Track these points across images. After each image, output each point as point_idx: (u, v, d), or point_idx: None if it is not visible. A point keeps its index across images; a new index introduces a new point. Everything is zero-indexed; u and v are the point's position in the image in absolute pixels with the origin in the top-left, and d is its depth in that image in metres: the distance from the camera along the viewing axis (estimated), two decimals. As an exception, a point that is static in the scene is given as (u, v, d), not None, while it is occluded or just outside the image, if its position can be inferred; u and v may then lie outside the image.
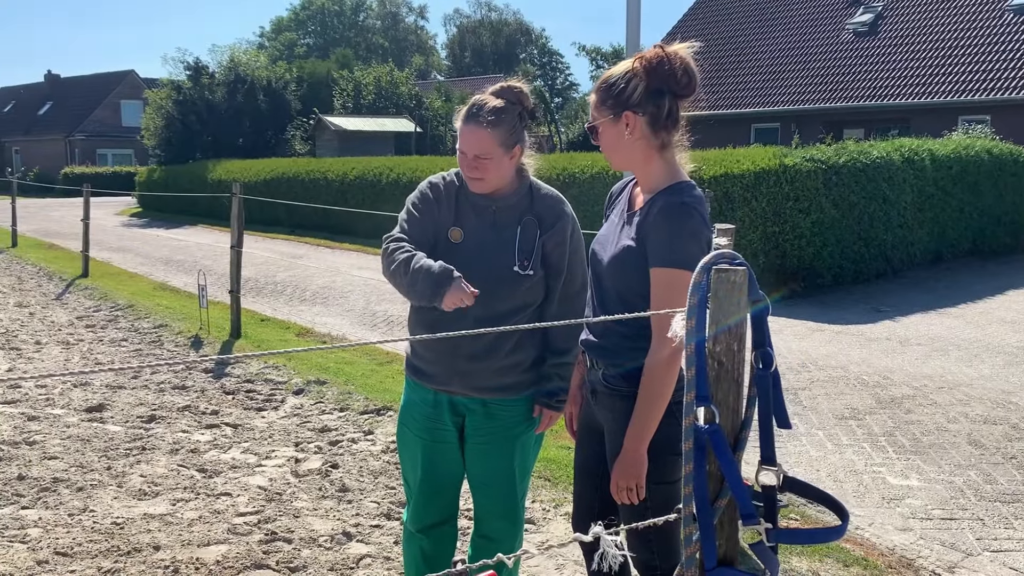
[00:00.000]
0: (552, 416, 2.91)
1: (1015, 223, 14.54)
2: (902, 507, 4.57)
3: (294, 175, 21.27)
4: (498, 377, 2.83)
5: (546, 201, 2.86)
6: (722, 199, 10.94)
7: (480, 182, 2.77)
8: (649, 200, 2.45)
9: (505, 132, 2.73)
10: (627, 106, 2.41)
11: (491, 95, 2.79)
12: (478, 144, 2.72)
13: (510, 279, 2.76)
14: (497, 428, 2.88)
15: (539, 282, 2.83)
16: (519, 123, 2.77)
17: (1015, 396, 6.56)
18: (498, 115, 2.72)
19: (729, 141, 15.82)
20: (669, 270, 2.33)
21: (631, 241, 2.43)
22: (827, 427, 5.87)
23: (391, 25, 78.37)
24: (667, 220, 2.35)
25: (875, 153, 11.92)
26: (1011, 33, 22.21)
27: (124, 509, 4.42)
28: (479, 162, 2.72)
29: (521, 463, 2.96)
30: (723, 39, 28.12)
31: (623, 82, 2.42)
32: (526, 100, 2.80)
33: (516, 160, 2.80)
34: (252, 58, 32.74)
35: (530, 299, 2.84)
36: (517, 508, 2.99)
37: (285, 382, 6.89)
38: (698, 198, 2.40)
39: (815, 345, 8.35)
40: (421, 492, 3.03)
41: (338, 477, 4.87)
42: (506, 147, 2.74)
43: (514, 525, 3.00)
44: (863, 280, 11.64)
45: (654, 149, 2.45)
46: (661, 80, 2.38)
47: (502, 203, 2.82)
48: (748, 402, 1.75)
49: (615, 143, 2.47)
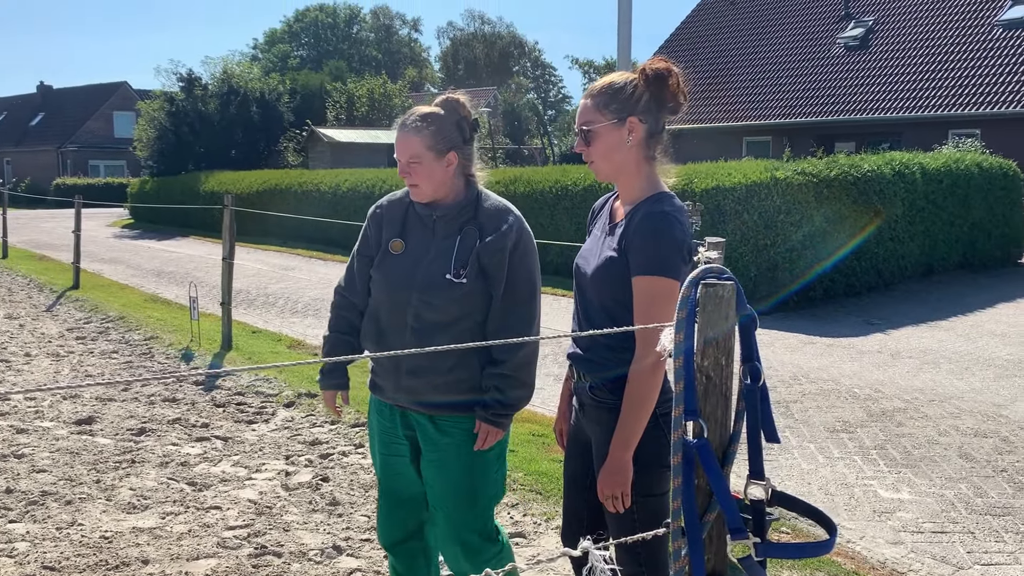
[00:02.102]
0: (490, 431, 2.77)
1: (1005, 236, 14.62)
2: (893, 520, 4.57)
3: (287, 187, 21.27)
4: (441, 394, 2.80)
5: (490, 211, 2.83)
6: (714, 212, 10.97)
7: (416, 189, 2.82)
8: (631, 211, 2.48)
9: (433, 137, 2.77)
10: (633, 112, 2.44)
11: (429, 104, 2.89)
12: (406, 149, 2.79)
13: (443, 287, 2.76)
14: (450, 445, 2.84)
15: (476, 292, 2.77)
16: (454, 131, 2.81)
17: (1006, 409, 6.58)
18: (425, 120, 2.78)
19: (721, 154, 15.89)
20: (650, 278, 2.35)
21: (613, 252, 2.45)
22: (818, 440, 5.87)
23: (384, 37, 78.61)
24: (648, 229, 2.37)
25: (866, 166, 11.98)
26: (1000, 48, 22.39)
27: (113, 523, 4.40)
28: (410, 167, 2.78)
29: (481, 483, 2.86)
30: (715, 53, 28.27)
31: (630, 88, 2.45)
32: (462, 109, 2.85)
33: (452, 167, 2.81)
34: (245, 70, 32.78)
35: (467, 309, 2.77)
36: (472, 532, 2.88)
37: (276, 394, 6.87)
38: (679, 208, 2.43)
39: (807, 358, 8.37)
40: (380, 506, 3.08)
41: (328, 490, 4.85)
42: (436, 152, 2.77)
43: (470, 551, 2.89)
44: (855, 293, 11.68)
45: (645, 159, 2.49)
46: (664, 93, 2.44)
47: (442, 212, 2.84)
48: (736, 416, 1.75)
49: (613, 149, 2.48)
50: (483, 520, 2.90)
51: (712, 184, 11.21)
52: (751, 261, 10.88)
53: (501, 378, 2.75)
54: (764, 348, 8.68)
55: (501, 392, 2.74)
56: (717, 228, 10.71)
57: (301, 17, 76.64)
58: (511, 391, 2.76)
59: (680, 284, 2.23)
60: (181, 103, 29.10)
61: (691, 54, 28.33)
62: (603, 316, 2.47)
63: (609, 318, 2.45)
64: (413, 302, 2.78)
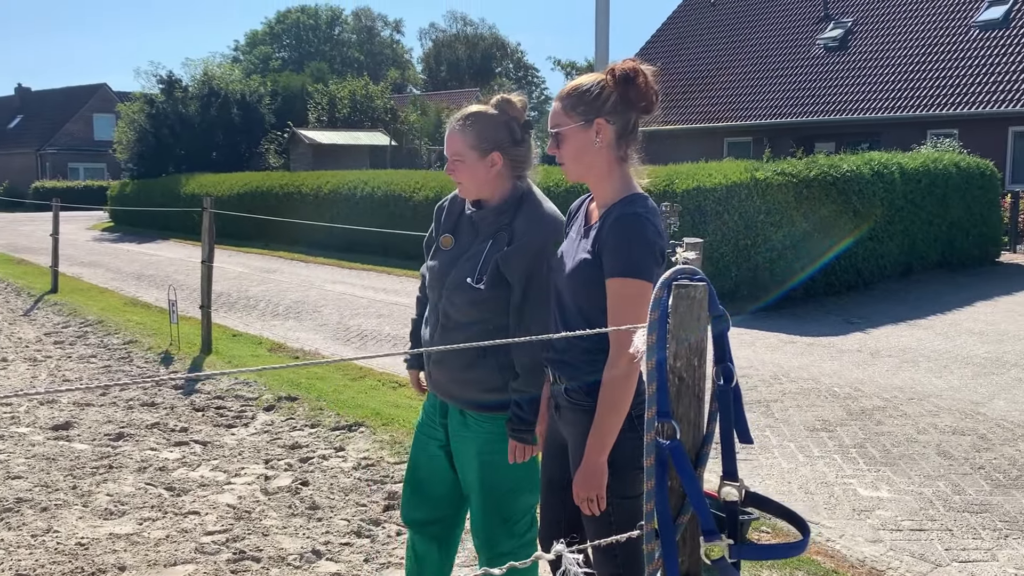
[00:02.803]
0: (516, 446, 2.78)
1: (983, 235, 14.74)
2: (872, 518, 4.59)
3: (268, 189, 21.16)
4: (461, 389, 2.85)
5: (528, 217, 2.78)
6: (694, 213, 11.00)
7: (461, 187, 2.86)
8: (604, 213, 2.47)
9: (476, 135, 2.77)
10: (600, 113, 2.44)
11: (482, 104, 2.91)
12: (451, 145, 2.83)
13: (464, 289, 2.79)
14: (468, 439, 2.88)
15: (494, 299, 2.76)
16: (501, 131, 2.79)
17: (983, 407, 6.63)
18: (472, 118, 2.81)
19: (702, 155, 15.95)
20: (623, 280, 2.35)
21: (587, 254, 2.45)
22: (798, 439, 5.90)
23: (366, 39, 78.39)
24: (621, 231, 2.38)
25: (845, 167, 12.06)
26: (977, 48, 22.60)
27: (89, 529, 4.35)
28: (453, 164, 2.82)
29: (489, 483, 2.87)
30: (696, 54, 28.37)
31: (597, 89, 2.45)
32: (512, 110, 2.82)
33: (496, 168, 2.79)
34: (226, 71, 32.59)
35: (484, 314, 2.78)
36: (490, 524, 2.90)
37: (256, 398, 6.83)
38: (652, 209, 2.43)
39: (787, 357, 8.40)
40: (406, 481, 3.13)
41: (308, 494, 4.83)
42: (479, 151, 2.77)
43: (487, 542, 2.93)
44: (835, 292, 11.74)
45: (615, 161, 2.48)
46: (633, 93, 2.43)
47: (483, 214, 2.85)
48: (709, 417, 1.75)
49: (581, 150, 2.48)
50: (503, 516, 2.90)
51: (693, 185, 11.25)
52: (732, 261, 10.92)
53: (521, 395, 2.75)
54: (745, 347, 8.71)
55: (520, 408, 2.75)
56: (698, 229, 10.75)
57: (282, 19, 76.29)
58: (530, 407, 2.75)
59: (653, 286, 2.23)
60: (161, 105, 28.89)
61: (672, 55, 28.42)
62: (578, 319, 2.47)
63: (584, 320, 2.45)
64: (443, 298, 2.87)
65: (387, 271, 15.17)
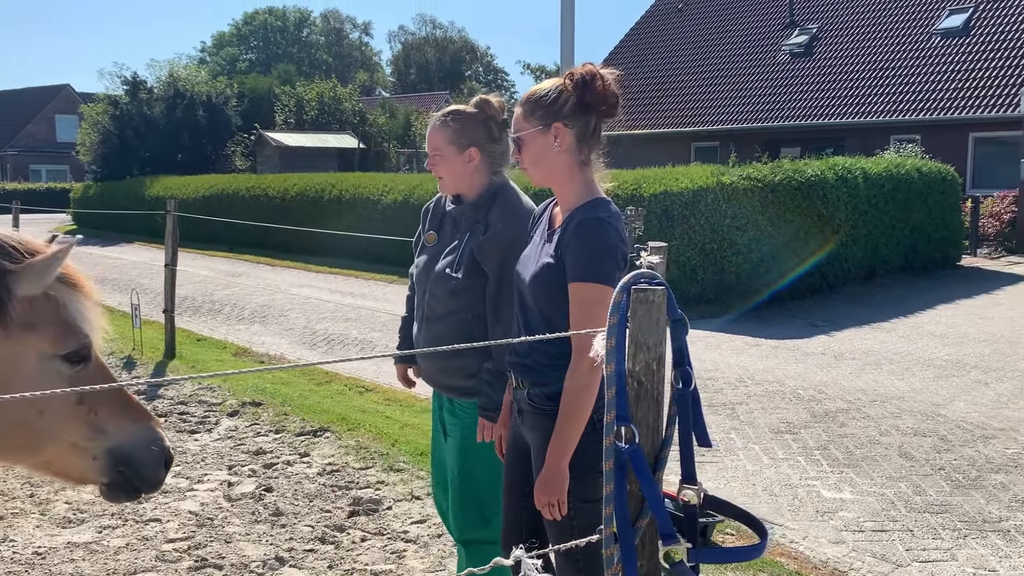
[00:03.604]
0: (484, 425, 2.91)
1: (944, 239, 14.98)
2: (835, 520, 4.64)
3: (234, 191, 20.96)
4: (448, 377, 3.01)
5: (503, 209, 2.92)
6: (662, 217, 11.07)
7: (441, 182, 3.01)
8: (567, 217, 2.48)
9: (455, 131, 2.92)
10: (557, 117, 2.46)
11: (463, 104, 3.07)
12: (431, 141, 2.99)
13: (443, 280, 2.94)
14: (456, 426, 3.03)
15: (470, 288, 2.89)
16: (478, 128, 2.94)
17: (944, 408, 6.73)
18: (452, 116, 2.97)
19: (670, 159, 16.05)
20: (585, 284, 2.36)
21: (550, 258, 2.46)
22: (763, 441, 5.95)
23: (335, 41, 77.99)
24: (583, 235, 2.39)
25: (810, 171, 12.19)
26: (939, 55, 22.97)
27: (47, 538, 4.27)
28: (434, 159, 2.97)
29: (476, 467, 2.97)
30: (663, 59, 28.56)
31: (554, 93, 2.47)
32: (490, 109, 2.97)
33: (473, 163, 2.93)
34: (192, 73, 32.28)
35: (462, 303, 2.91)
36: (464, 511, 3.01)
37: (220, 403, 6.75)
38: (614, 214, 2.44)
39: (752, 360, 8.47)
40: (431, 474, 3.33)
41: (272, 501, 4.78)
42: (457, 146, 2.92)
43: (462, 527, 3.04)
44: (799, 296, 11.87)
45: (576, 165, 2.49)
46: (591, 97, 2.45)
47: (462, 208, 3.00)
48: (668, 421, 1.75)
49: (541, 155, 2.50)
50: (478, 504, 2.99)
51: (660, 189, 11.32)
52: (698, 265, 11.00)
53: (490, 373, 2.86)
54: (711, 350, 8.77)
55: (491, 387, 2.87)
56: (665, 233, 10.81)
57: (250, 20, 75.67)
58: (499, 386, 2.85)
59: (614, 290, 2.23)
60: (126, 106, 28.54)
61: (640, 60, 28.58)
62: (541, 322, 2.47)
63: (547, 324, 2.45)
64: (426, 292, 3.01)
65: (354, 274, 15.08)
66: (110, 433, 1.84)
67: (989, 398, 7.02)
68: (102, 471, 1.84)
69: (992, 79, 21.35)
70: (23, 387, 1.71)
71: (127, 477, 1.86)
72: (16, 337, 1.72)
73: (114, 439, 1.84)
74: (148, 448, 1.87)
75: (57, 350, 1.79)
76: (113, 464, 1.85)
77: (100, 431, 1.84)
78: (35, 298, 1.75)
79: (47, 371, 1.78)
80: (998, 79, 21.24)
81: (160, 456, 1.91)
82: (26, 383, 1.73)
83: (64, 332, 1.80)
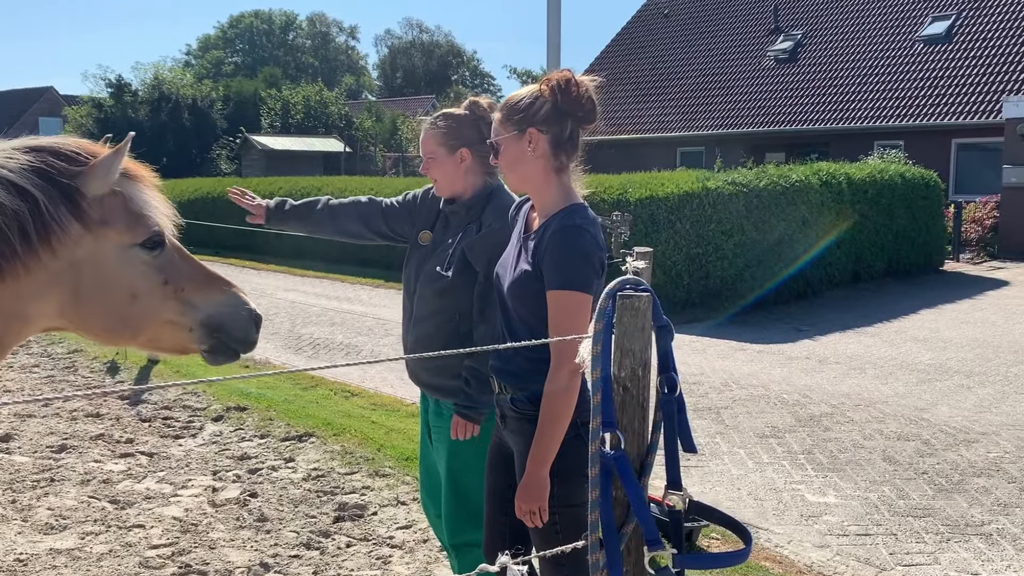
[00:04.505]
0: (459, 423, 2.92)
1: (927, 244, 15.08)
2: (820, 524, 4.66)
3: (219, 195, 20.85)
4: (432, 375, 3.03)
5: (496, 209, 2.94)
6: (647, 222, 11.09)
7: (436, 184, 3.03)
8: (544, 223, 2.49)
9: (445, 134, 2.95)
10: (532, 123, 2.47)
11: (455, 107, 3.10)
12: (424, 144, 3.02)
13: (433, 279, 2.97)
14: (443, 428, 3.02)
15: (459, 287, 2.91)
16: (470, 129, 2.96)
17: (927, 412, 6.77)
18: (443, 118, 3.01)
19: (655, 164, 16.12)
20: (562, 292, 2.37)
21: (528, 265, 2.47)
22: (748, 445, 5.97)
23: (321, 44, 77.85)
24: (560, 242, 2.40)
25: (794, 177, 12.25)
26: (922, 62, 23.17)
27: (28, 544, 4.24)
28: (427, 161, 3.00)
29: (457, 472, 2.99)
30: (649, 64, 28.67)
31: (530, 99, 2.49)
32: (479, 110, 3.00)
33: (465, 164, 2.96)
34: (177, 76, 32.20)
35: (450, 301, 2.93)
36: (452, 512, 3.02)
37: (204, 408, 6.71)
38: (591, 220, 2.45)
39: (737, 364, 8.50)
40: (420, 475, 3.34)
41: (257, 506, 4.75)
42: (448, 148, 2.94)
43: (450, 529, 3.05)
44: (784, 300, 11.92)
45: (552, 170, 2.50)
46: (566, 102, 2.46)
47: (455, 208, 3.02)
48: (654, 427, 1.76)
49: (517, 160, 2.51)
50: (469, 507, 2.99)
51: (646, 194, 11.34)
52: (684, 270, 11.03)
53: (470, 371, 2.87)
54: (696, 355, 8.80)
55: (468, 385, 2.88)
56: (651, 237, 10.84)
57: (236, 23, 75.42)
58: (479, 386, 2.85)
59: (593, 297, 2.24)
60: (110, 109, 28.47)
61: (626, 65, 28.67)
62: (522, 328, 2.48)
63: (528, 330, 2.46)
64: (415, 291, 3.05)
65: (340, 279, 15.04)
66: (200, 306, 2.02)
67: (972, 402, 7.07)
68: (200, 340, 2.03)
69: (974, 86, 21.54)
70: (110, 279, 1.91)
71: (223, 341, 2.06)
72: (95, 234, 1.88)
73: (205, 310, 2.02)
74: (237, 313, 2.06)
75: (134, 240, 1.94)
76: (209, 333, 2.03)
77: (191, 305, 2.01)
78: (104, 195, 1.90)
79: (129, 260, 1.93)
80: (980, 86, 21.44)
81: (249, 318, 2.09)
82: (112, 275, 1.92)
83: (135, 223, 1.94)
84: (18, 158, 1.82)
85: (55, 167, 1.84)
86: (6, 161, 1.81)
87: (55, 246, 1.81)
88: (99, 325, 1.96)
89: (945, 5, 24.22)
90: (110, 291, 1.91)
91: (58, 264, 1.83)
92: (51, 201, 1.80)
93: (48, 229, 1.79)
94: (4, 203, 1.75)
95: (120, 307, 1.94)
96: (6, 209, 1.75)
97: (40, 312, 1.89)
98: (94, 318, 1.94)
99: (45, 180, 1.81)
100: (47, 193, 1.80)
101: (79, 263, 1.87)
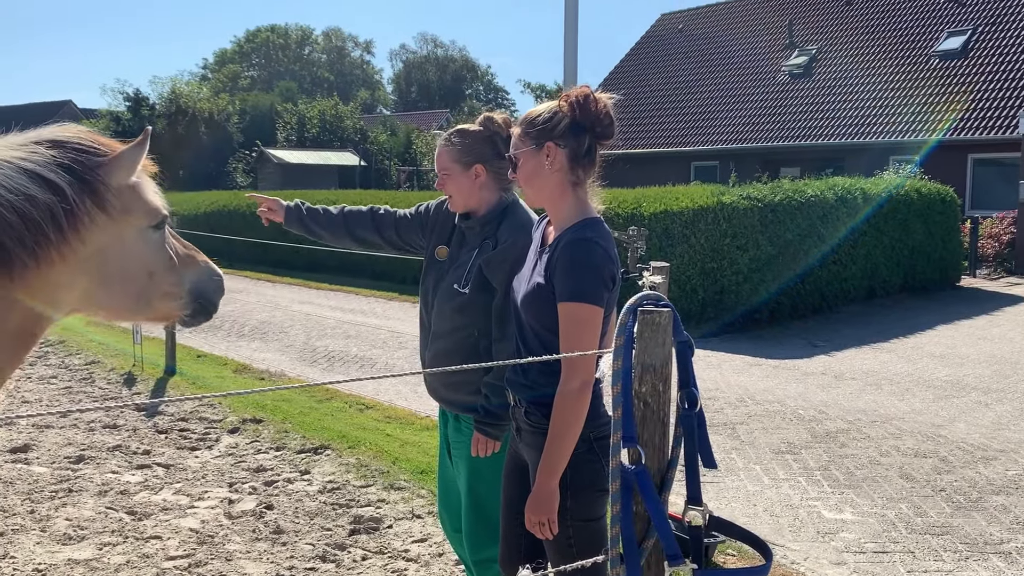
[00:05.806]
0: (479, 440, 2.92)
1: (943, 260, 15.01)
2: (836, 541, 4.63)
3: (235, 208, 21.00)
4: (452, 392, 3.02)
5: (512, 225, 2.95)
6: (662, 236, 11.10)
7: (451, 200, 3.04)
8: (557, 237, 2.52)
9: (459, 150, 2.96)
10: (550, 137, 2.50)
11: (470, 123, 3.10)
12: (439, 161, 3.04)
13: (451, 295, 2.97)
14: (462, 444, 3.02)
15: (477, 303, 2.91)
16: (484, 146, 2.97)
17: (944, 429, 6.73)
18: (457, 134, 3.01)
19: (669, 179, 16.12)
20: (573, 304, 2.38)
21: (541, 278, 2.49)
22: (764, 461, 5.94)
23: (337, 59, 78.36)
24: (571, 255, 2.41)
25: (810, 191, 12.23)
26: (937, 77, 23.10)
27: (47, 555, 4.26)
28: (442, 178, 3.01)
29: (477, 487, 2.99)
30: (663, 79, 28.72)
31: (548, 114, 2.52)
32: (493, 126, 3.00)
33: (480, 179, 2.97)
34: (194, 90, 32.48)
35: (468, 318, 2.93)
36: (471, 529, 3.01)
37: (220, 420, 6.74)
38: (604, 234, 2.47)
39: (753, 380, 8.47)
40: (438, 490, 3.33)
41: (272, 518, 4.77)
42: (463, 164, 2.95)
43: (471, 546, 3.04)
44: (799, 316, 11.88)
45: (569, 184, 2.52)
46: (584, 118, 2.48)
47: (470, 224, 3.03)
48: (674, 442, 1.76)
49: (534, 174, 2.54)
50: (490, 523, 2.97)
51: (661, 208, 11.35)
52: (699, 284, 11.02)
53: (489, 387, 2.88)
54: (711, 370, 8.77)
55: (488, 400, 2.88)
56: (666, 252, 10.84)
57: (252, 38, 76.05)
58: (497, 401, 2.85)
59: (603, 310, 2.26)
60: (128, 123, 28.73)
61: (641, 80, 28.74)
62: (535, 340, 2.50)
63: (540, 343, 2.48)
64: (432, 308, 3.05)
65: (355, 291, 15.10)
66: (187, 276, 2.23)
67: (989, 419, 7.02)
68: (185, 306, 2.24)
69: (990, 101, 21.46)
70: (131, 260, 2.09)
71: (203, 305, 2.27)
72: (118, 220, 2.04)
73: (190, 279, 2.23)
74: (212, 279, 2.29)
75: (149, 223, 2.12)
76: (193, 299, 2.24)
77: (182, 276, 2.21)
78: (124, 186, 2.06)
79: (147, 240, 2.12)
80: (997, 101, 21.35)
81: (220, 283, 2.32)
82: (133, 256, 2.10)
83: (148, 207, 2.13)
84: (42, 152, 1.96)
85: (79, 162, 1.98)
86: (31, 155, 1.94)
87: (84, 234, 1.95)
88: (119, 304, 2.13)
89: (961, 20, 24.16)
90: (131, 271, 2.08)
91: (87, 250, 1.98)
92: (79, 194, 1.94)
93: (78, 219, 1.93)
94: (37, 197, 1.88)
95: (139, 285, 2.12)
96: (39, 202, 1.88)
97: (67, 298, 2.03)
98: (115, 297, 2.10)
99: (71, 174, 1.95)
100: (74, 187, 1.94)
101: (104, 248, 2.02)
